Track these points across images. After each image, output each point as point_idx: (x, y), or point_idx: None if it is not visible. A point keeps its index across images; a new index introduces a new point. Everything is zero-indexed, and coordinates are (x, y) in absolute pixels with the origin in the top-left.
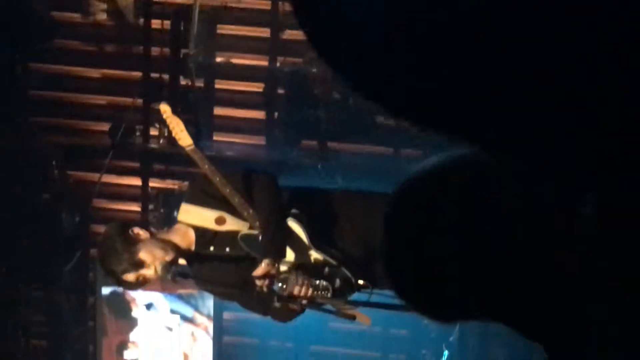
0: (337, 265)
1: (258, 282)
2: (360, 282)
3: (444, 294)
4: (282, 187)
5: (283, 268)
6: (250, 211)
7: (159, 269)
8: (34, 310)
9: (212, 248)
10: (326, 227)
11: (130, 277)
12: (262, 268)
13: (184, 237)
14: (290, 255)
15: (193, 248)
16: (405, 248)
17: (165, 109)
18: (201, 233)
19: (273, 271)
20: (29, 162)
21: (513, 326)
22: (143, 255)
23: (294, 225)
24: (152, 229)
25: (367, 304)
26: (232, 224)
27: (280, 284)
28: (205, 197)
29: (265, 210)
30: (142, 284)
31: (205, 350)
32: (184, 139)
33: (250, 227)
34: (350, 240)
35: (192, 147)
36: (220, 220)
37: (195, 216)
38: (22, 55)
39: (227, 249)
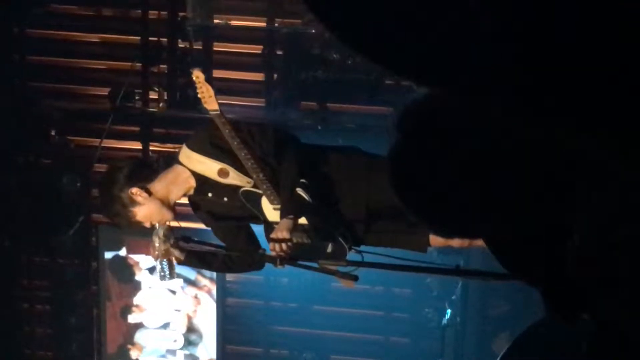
0: (334, 232)
1: (277, 247)
2: (354, 248)
3: (448, 209)
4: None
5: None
6: (261, 175)
7: (161, 234)
8: (38, 275)
9: (210, 195)
10: (327, 189)
11: (129, 228)
12: (284, 226)
13: (184, 183)
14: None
15: (192, 193)
16: (412, 166)
17: (198, 74)
18: (202, 180)
19: (291, 233)
20: (29, 128)
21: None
22: (139, 217)
23: (301, 193)
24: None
25: (368, 264)
26: (234, 178)
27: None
28: (211, 148)
29: (291, 180)
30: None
31: (208, 313)
32: (211, 104)
33: (254, 186)
34: (349, 202)
35: (217, 112)
36: (223, 173)
37: (196, 163)
38: (20, 20)
39: (225, 199)
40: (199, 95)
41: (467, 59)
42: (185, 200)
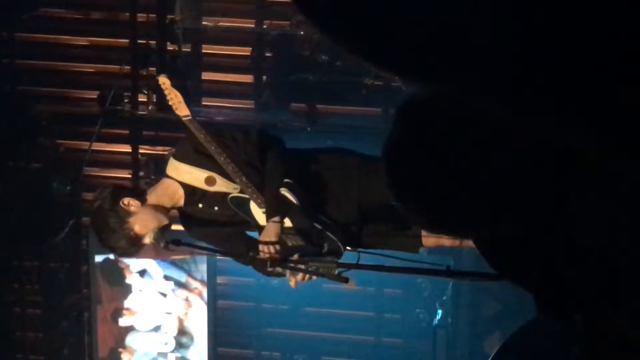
0: (325, 233)
1: (265, 249)
2: (348, 248)
3: (440, 207)
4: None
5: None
6: (244, 178)
7: (152, 237)
8: (29, 279)
9: (200, 205)
10: (317, 191)
11: (128, 249)
12: (271, 229)
13: (174, 194)
14: (286, 221)
15: (182, 204)
16: (407, 163)
17: (164, 80)
18: (190, 191)
19: (278, 236)
20: (18, 131)
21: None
22: (137, 228)
23: (286, 194)
24: (142, 186)
25: (358, 266)
26: (222, 185)
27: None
28: (197, 156)
29: (276, 180)
30: (139, 250)
31: (200, 315)
32: (182, 110)
33: (241, 191)
34: (340, 203)
35: (189, 117)
36: (210, 181)
37: (184, 174)
38: (9, 24)
39: (216, 208)
40: (169, 103)
41: (465, 58)
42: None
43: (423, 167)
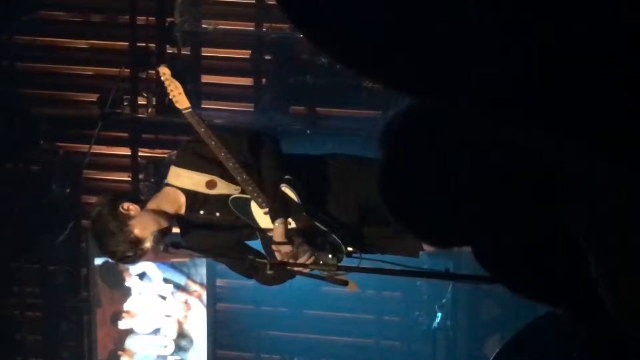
0: (328, 232)
1: (283, 249)
2: (350, 248)
3: (439, 219)
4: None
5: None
6: (245, 175)
7: (152, 239)
8: (28, 282)
9: (202, 212)
10: (318, 193)
11: (129, 254)
12: (278, 231)
13: (174, 202)
14: (290, 222)
15: (183, 211)
16: (401, 176)
17: (164, 71)
18: (191, 196)
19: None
20: (18, 134)
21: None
22: (137, 231)
23: (287, 191)
24: (142, 197)
25: (357, 269)
26: (222, 187)
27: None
28: (197, 160)
29: (273, 173)
30: (140, 256)
31: (199, 318)
32: (182, 102)
33: (242, 192)
34: (341, 205)
35: (190, 110)
36: (211, 184)
37: (185, 180)
38: (8, 27)
39: (217, 214)
40: (169, 95)
41: (454, 69)
42: None
43: (413, 185)
